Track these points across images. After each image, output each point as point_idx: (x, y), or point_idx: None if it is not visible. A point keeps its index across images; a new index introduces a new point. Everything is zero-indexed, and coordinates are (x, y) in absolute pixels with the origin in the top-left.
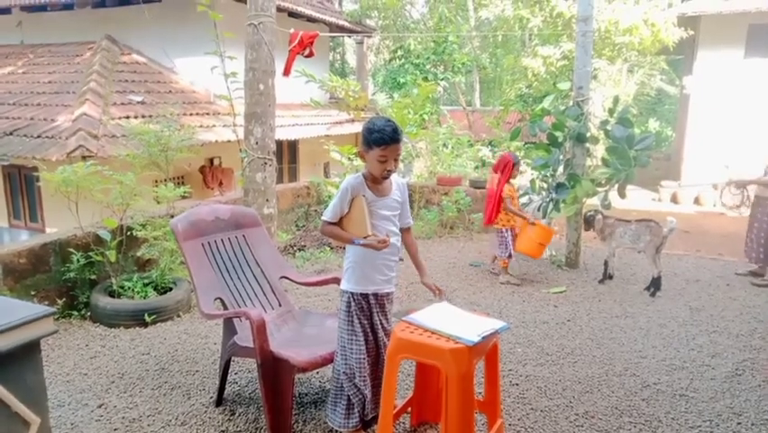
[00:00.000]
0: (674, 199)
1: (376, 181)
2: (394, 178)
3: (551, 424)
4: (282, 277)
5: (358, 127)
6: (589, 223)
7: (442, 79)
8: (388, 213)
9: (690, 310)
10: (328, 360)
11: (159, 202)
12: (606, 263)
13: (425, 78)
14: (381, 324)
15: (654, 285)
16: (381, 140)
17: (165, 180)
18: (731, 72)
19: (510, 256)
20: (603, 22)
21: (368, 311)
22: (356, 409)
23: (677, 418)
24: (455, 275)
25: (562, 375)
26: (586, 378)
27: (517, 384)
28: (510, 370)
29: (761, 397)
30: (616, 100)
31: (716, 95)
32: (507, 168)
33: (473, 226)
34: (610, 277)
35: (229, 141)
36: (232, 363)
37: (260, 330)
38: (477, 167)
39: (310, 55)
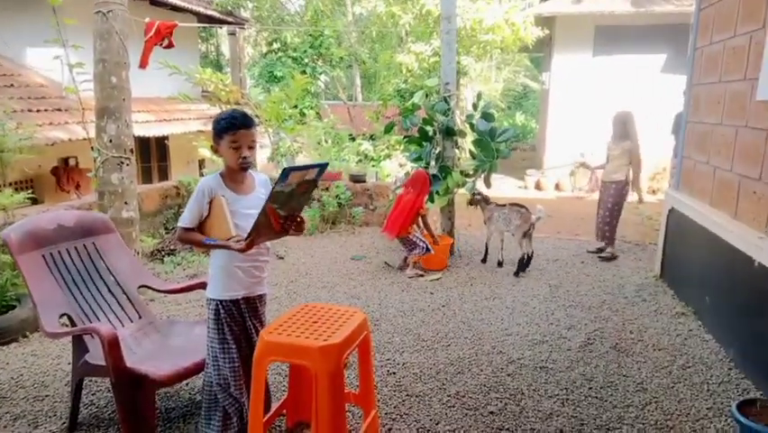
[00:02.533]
0: (538, 186)
1: (235, 179)
2: (256, 174)
3: (425, 408)
4: (142, 286)
5: None
6: (472, 201)
7: (320, 73)
8: (254, 211)
9: (550, 288)
10: (194, 370)
11: (3, 210)
12: (486, 245)
13: (303, 72)
14: (255, 328)
15: (520, 266)
16: (231, 125)
17: (2, 185)
18: (582, 69)
19: (428, 250)
20: (468, 20)
21: (239, 317)
22: (234, 420)
23: (538, 389)
24: (336, 270)
25: (437, 359)
26: (458, 360)
27: (394, 373)
28: (388, 359)
29: (608, 363)
30: (479, 96)
31: (570, 90)
32: (425, 185)
33: (355, 221)
34: (500, 264)
35: (84, 139)
36: (88, 383)
37: (111, 346)
38: (359, 161)
39: (169, 46)
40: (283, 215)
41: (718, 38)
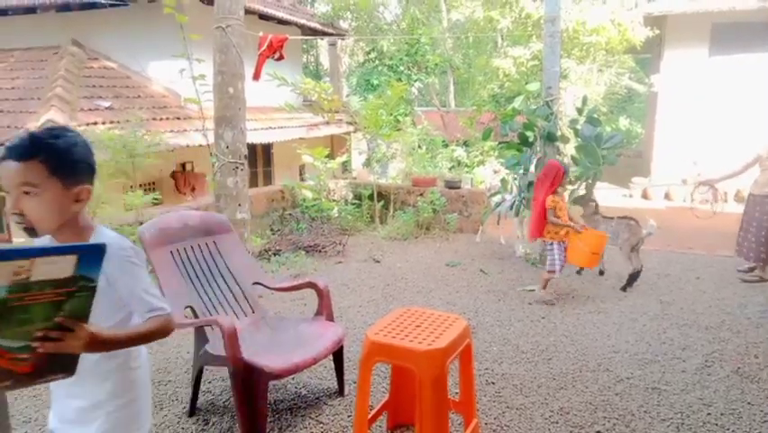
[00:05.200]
0: (645, 196)
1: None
2: (102, 236)
3: (526, 421)
4: (255, 283)
5: (333, 129)
6: (580, 200)
7: (415, 80)
8: None
9: (661, 304)
10: (302, 366)
11: (128, 209)
12: None
13: (399, 80)
14: None
15: (629, 280)
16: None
17: (132, 187)
18: (696, 70)
19: (552, 272)
20: (571, 22)
21: None
22: None
23: (649, 411)
24: (431, 276)
25: (537, 372)
26: (560, 374)
27: (493, 383)
28: (486, 369)
29: (729, 387)
30: (584, 100)
31: (682, 92)
32: (557, 177)
33: (449, 227)
34: (601, 273)
35: (201, 145)
36: (205, 371)
37: (231, 338)
38: (452, 167)
39: (280, 58)
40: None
41: None
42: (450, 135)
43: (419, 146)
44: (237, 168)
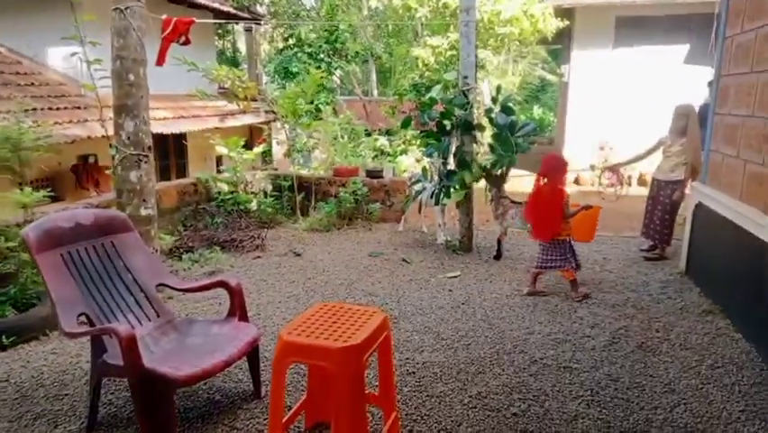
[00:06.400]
0: None
1: None
2: None
3: (446, 409)
4: (160, 285)
5: (251, 119)
6: (489, 178)
7: (336, 68)
8: None
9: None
10: (212, 372)
11: (24, 208)
12: (498, 242)
13: (318, 67)
14: None
15: None
16: None
17: (21, 184)
18: (603, 61)
19: (579, 266)
20: (486, 12)
21: None
22: None
23: (562, 390)
24: (354, 267)
25: (457, 359)
26: (478, 359)
27: (414, 372)
28: (407, 358)
29: (633, 362)
30: (498, 89)
31: (591, 82)
32: (560, 169)
33: (372, 217)
34: (501, 255)
35: (104, 136)
36: (107, 383)
37: (128, 346)
38: (375, 156)
39: (186, 43)
40: None
41: (750, 26)
42: (372, 124)
43: (341, 135)
44: (141, 160)
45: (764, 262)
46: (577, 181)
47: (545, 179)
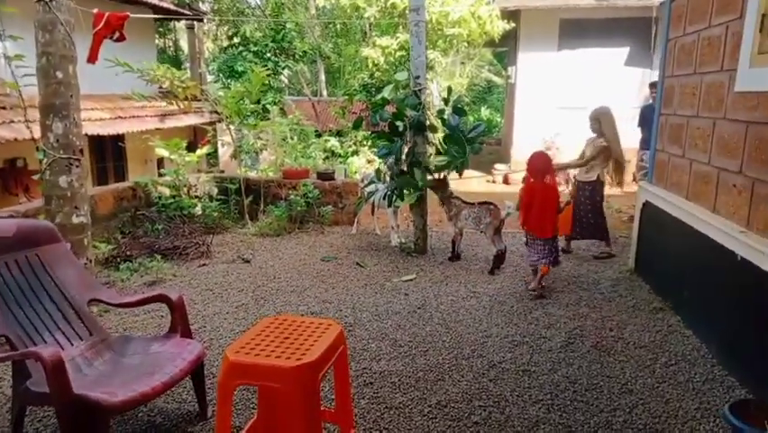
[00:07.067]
0: (506, 181)
1: None
2: None
3: (405, 421)
4: (93, 300)
5: (195, 119)
6: (437, 183)
7: (283, 68)
8: None
9: (526, 285)
10: (151, 395)
11: None
12: (453, 243)
13: (265, 66)
14: None
15: (495, 263)
16: None
17: None
18: (547, 63)
19: (558, 263)
20: (434, 13)
21: None
22: None
23: (522, 394)
24: (306, 273)
25: (415, 366)
26: (437, 365)
27: (371, 383)
28: (364, 368)
29: (590, 363)
30: (449, 90)
31: (536, 84)
32: (548, 167)
33: (324, 220)
34: (458, 256)
35: (31, 139)
36: (34, 409)
37: (55, 371)
38: (326, 158)
39: (120, 39)
40: None
41: (692, 29)
42: (322, 125)
43: (291, 136)
44: (72, 164)
45: (714, 261)
46: (525, 182)
47: (533, 179)
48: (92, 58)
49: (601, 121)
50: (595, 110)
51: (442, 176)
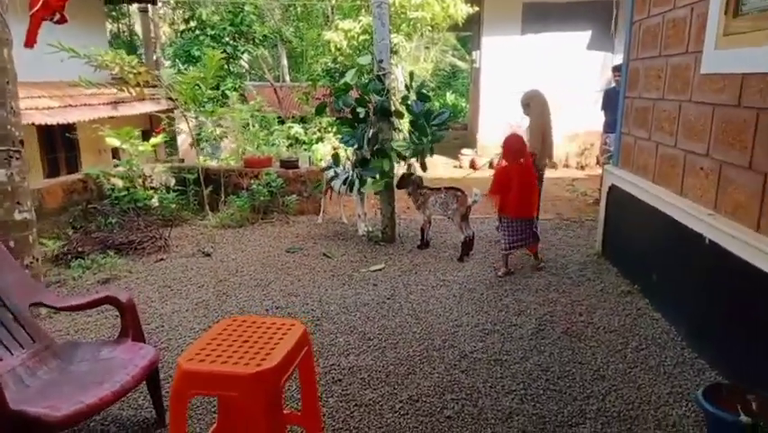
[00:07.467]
0: (473, 165)
1: None
2: None
3: (376, 418)
4: (34, 304)
5: (150, 107)
6: (403, 182)
7: (243, 52)
8: None
9: (495, 271)
10: (100, 407)
11: None
12: (422, 231)
13: (223, 51)
14: None
15: (464, 249)
16: None
17: None
18: (511, 47)
19: (538, 239)
20: None
21: None
22: None
23: (494, 385)
24: (271, 265)
25: (385, 360)
26: (407, 358)
27: (340, 380)
28: (332, 365)
29: (561, 349)
30: (411, 75)
31: (501, 68)
32: (522, 149)
33: (289, 209)
34: (427, 244)
35: None
36: None
37: None
38: (290, 145)
39: (62, 21)
40: None
41: (657, 11)
42: (285, 111)
43: (252, 123)
44: (11, 156)
45: (682, 244)
46: (491, 166)
47: (508, 161)
48: (29, 41)
49: (531, 105)
50: (525, 93)
51: (405, 166)
